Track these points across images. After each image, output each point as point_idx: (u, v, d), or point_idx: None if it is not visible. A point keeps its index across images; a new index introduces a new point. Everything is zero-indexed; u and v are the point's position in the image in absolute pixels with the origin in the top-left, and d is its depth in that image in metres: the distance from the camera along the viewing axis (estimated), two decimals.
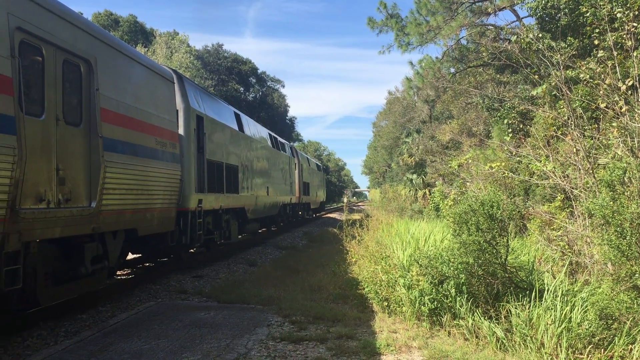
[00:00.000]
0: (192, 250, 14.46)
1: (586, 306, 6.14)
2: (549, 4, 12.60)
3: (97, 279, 8.39)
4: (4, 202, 5.88)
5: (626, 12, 9.03)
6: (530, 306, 6.37)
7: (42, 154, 6.63)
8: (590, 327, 5.81)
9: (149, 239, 10.41)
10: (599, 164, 8.28)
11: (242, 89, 62.92)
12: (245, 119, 19.04)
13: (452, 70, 21.34)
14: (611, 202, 6.03)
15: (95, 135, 7.76)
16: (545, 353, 5.81)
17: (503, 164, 12.63)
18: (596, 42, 9.90)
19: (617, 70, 8.65)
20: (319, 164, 49.43)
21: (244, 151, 17.50)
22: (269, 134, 23.68)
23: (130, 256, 12.34)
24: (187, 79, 13.47)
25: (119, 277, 11.36)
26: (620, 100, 8.20)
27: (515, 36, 12.94)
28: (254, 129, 20.25)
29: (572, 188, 8.69)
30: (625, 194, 6.23)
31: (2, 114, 5.82)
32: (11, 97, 5.97)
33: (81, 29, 7.71)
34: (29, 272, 6.70)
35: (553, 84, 10.20)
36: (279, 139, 26.58)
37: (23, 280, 6.35)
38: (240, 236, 18.46)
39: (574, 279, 7.63)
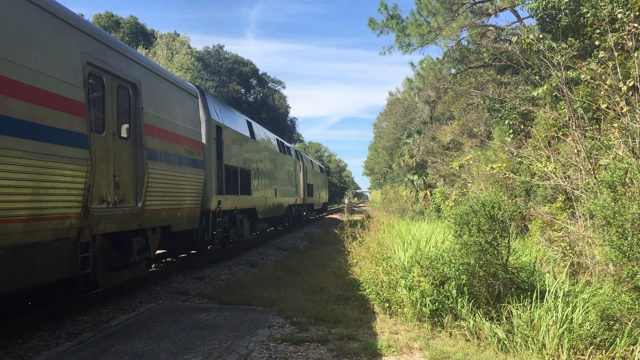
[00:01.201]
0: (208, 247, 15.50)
1: (587, 307, 6.13)
2: (550, 4, 12.60)
3: (140, 268, 9.81)
4: (80, 203, 7.35)
5: (627, 13, 9.03)
6: (531, 307, 6.37)
7: (104, 164, 8.12)
8: (591, 328, 5.82)
9: (178, 235, 11.71)
10: (600, 165, 8.28)
11: (243, 90, 63.04)
12: (255, 126, 20.55)
13: (453, 71, 21.35)
14: (612, 203, 6.03)
15: (141, 146, 9.28)
16: (547, 354, 5.81)
17: (504, 164, 12.64)
18: (597, 42, 9.90)
19: (618, 71, 8.65)
20: (322, 166, 51.14)
21: (255, 156, 19.05)
22: (277, 139, 25.27)
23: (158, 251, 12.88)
24: (208, 93, 15.02)
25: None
26: (621, 100, 8.20)
27: (516, 37, 12.96)
28: (264, 135, 21.76)
29: (573, 189, 8.69)
30: (627, 194, 6.23)
31: (79, 132, 7.30)
32: (84, 119, 7.46)
33: (129, 58, 9.26)
34: (93, 260, 7.88)
35: (554, 84, 10.20)
36: (285, 143, 28.00)
37: (84, 267, 7.62)
38: (252, 234, 19.64)
39: (575, 280, 7.62)
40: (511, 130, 13.96)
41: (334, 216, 48.27)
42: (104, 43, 8.39)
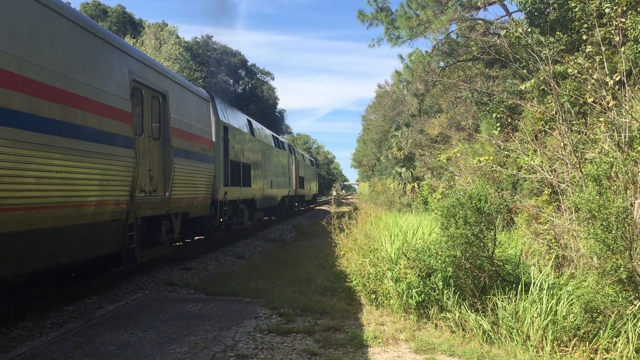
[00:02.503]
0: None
1: (572, 299, 6.19)
2: None
3: (166, 246, 11.62)
4: (129, 192, 9.10)
5: (614, 8, 9.08)
6: (516, 299, 6.42)
7: (143, 160, 9.86)
8: (575, 320, 5.87)
9: (194, 221, 13.42)
10: (586, 159, 8.34)
11: (231, 81, 62.70)
12: (254, 123, 22.72)
13: (442, 64, 21.33)
14: (597, 197, 6.08)
15: (168, 146, 11.06)
16: (531, 345, 5.86)
17: (491, 157, 12.69)
18: (584, 37, 9.94)
19: (605, 66, 8.70)
20: (312, 159, 52.65)
21: (254, 151, 20.98)
22: (272, 134, 27.40)
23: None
24: (217, 97, 17.03)
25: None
26: (607, 95, 8.26)
27: (505, 31, 12.95)
28: (261, 131, 23.94)
29: (559, 182, 8.75)
30: (612, 188, 6.29)
31: (127, 136, 9.00)
32: (131, 125, 9.21)
33: (160, 72, 11.17)
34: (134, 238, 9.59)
35: (541, 78, 10.24)
36: (280, 138, 30.13)
37: (129, 244, 9.42)
38: (250, 222, 21.35)
39: (560, 273, 7.68)
40: (499, 124, 14.01)
41: (322, 207, 48.36)
42: (143, 62, 10.31)
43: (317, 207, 49.39)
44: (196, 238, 16.02)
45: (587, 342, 5.75)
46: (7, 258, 6.33)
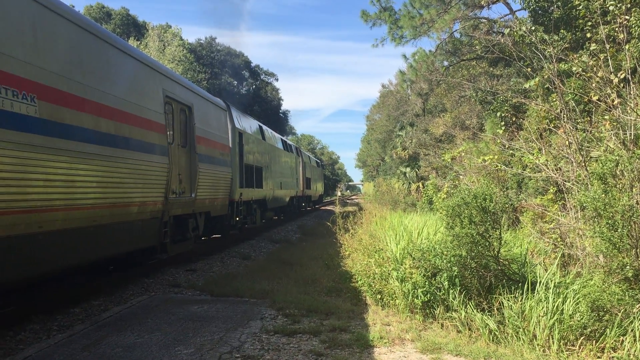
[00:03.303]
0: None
1: (578, 298, 6.17)
2: None
3: (192, 242, 12.94)
4: (164, 193, 10.56)
5: (618, 5, 9.04)
6: (522, 298, 6.41)
7: (174, 166, 11.23)
8: (582, 319, 5.85)
9: (214, 219, 14.87)
10: (591, 157, 8.30)
11: (235, 82, 62.73)
12: (265, 129, 24.28)
13: (446, 63, 21.33)
14: (603, 195, 6.05)
15: (194, 152, 12.45)
16: (538, 345, 5.85)
17: (496, 157, 12.65)
18: (589, 35, 9.92)
19: (610, 63, 8.67)
20: (318, 161, 54.25)
21: (265, 154, 22.45)
22: (281, 138, 28.94)
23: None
24: (232, 106, 18.47)
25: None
26: (612, 93, 8.22)
27: (508, 29, 12.95)
28: (271, 136, 25.38)
29: (565, 181, 8.72)
30: (617, 186, 6.26)
31: (162, 145, 10.49)
32: (165, 135, 10.71)
33: (187, 87, 12.62)
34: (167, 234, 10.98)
35: (546, 76, 10.21)
36: (287, 141, 31.95)
37: (164, 239, 10.83)
38: (261, 221, 22.79)
39: (566, 272, 7.66)
40: (503, 123, 13.98)
41: (328, 208, 48.43)
42: (172, 79, 11.70)
43: (323, 208, 49.69)
44: (213, 236, 16.60)
45: (594, 341, 5.73)
46: (80, 247, 7.89)
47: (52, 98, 7.02)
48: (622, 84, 8.36)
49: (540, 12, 13.42)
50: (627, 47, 8.49)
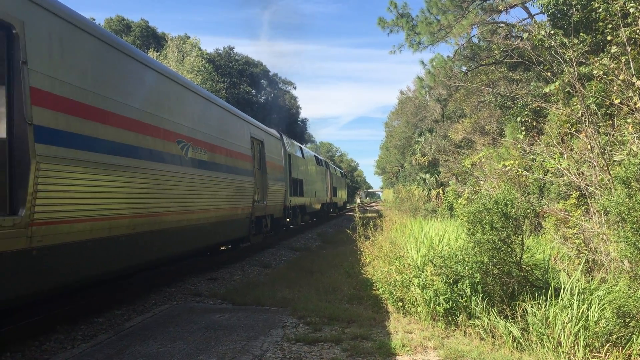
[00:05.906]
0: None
1: (603, 304, 6.07)
2: (561, 0, 12.50)
3: (263, 235, 18.08)
4: (251, 201, 15.52)
5: (639, 7, 8.94)
6: (546, 305, 6.32)
7: (256, 182, 16.10)
8: (607, 325, 5.76)
9: (275, 220, 19.82)
10: (614, 161, 8.20)
11: (253, 91, 63.14)
12: (304, 148, 30.50)
13: (464, 68, 21.24)
14: (627, 199, 5.97)
15: (265, 173, 17.61)
16: (563, 352, 5.76)
17: (517, 162, 12.55)
18: (609, 37, 9.80)
19: (631, 66, 8.57)
20: (342, 172, 61.38)
21: (304, 169, 27.96)
22: (314, 155, 35.16)
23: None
24: (284, 134, 23.67)
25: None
26: (634, 95, 8.12)
27: (527, 33, 12.84)
28: (307, 153, 31.33)
29: (587, 185, 8.61)
30: None
31: (251, 169, 15.63)
32: (252, 163, 15.89)
33: (260, 128, 17.92)
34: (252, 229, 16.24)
35: (566, 80, 10.12)
36: (319, 156, 38.44)
37: (250, 232, 16.01)
38: (301, 223, 27.95)
39: (590, 277, 7.56)
40: (523, 128, 13.88)
41: (350, 214, 48.72)
42: (253, 125, 16.94)
43: (347, 214, 52.59)
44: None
45: (620, 348, 5.64)
46: (217, 232, 13.06)
47: (209, 147, 12.15)
48: None
49: (559, 15, 13.30)
50: None
